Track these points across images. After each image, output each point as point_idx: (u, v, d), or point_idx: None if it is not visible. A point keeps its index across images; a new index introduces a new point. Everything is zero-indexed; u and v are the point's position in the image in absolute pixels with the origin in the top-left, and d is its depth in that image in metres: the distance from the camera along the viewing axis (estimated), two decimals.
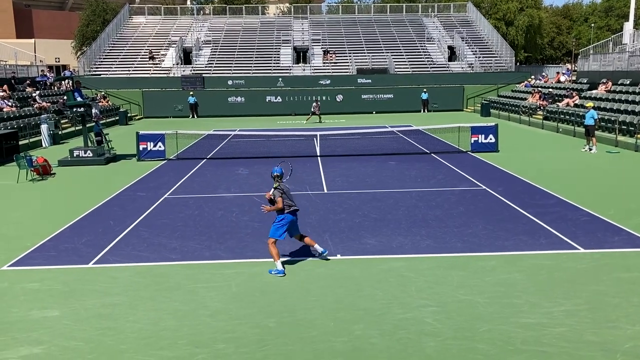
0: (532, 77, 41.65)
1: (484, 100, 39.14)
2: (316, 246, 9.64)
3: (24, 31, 65.70)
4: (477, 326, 7.05)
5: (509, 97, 38.25)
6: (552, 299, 7.84)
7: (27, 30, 66.31)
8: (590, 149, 20.67)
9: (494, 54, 46.58)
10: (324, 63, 45.52)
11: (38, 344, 6.76)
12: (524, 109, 32.45)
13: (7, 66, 36.65)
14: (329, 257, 9.72)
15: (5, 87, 29.85)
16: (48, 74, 40.46)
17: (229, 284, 8.61)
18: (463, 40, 47.03)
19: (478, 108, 38.70)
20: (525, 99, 35.01)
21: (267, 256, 9.77)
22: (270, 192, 9.49)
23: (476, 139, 21.48)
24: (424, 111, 40.00)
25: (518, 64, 59.03)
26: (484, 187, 15.10)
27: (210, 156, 21.60)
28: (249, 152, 22.06)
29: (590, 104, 21.52)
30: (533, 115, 31.16)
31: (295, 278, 8.82)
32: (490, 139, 21.44)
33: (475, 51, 46.36)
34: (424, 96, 39.67)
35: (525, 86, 39.20)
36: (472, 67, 44.84)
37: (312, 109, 35.35)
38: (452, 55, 46.77)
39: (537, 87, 37.26)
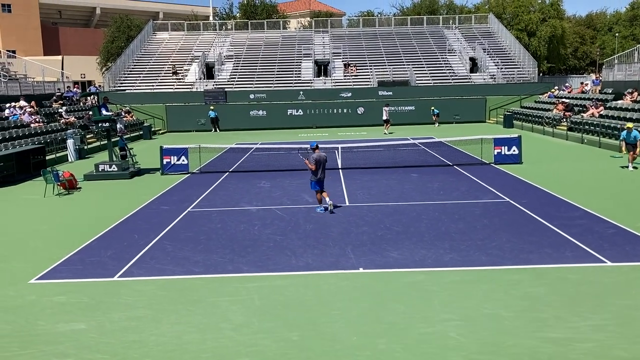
0: (556, 87, 41.21)
1: (507, 111, 38.82)
2: (327, 199, 13.92)
3: (51, 48, 67.26)
4: (503, 340, 6.96)
5: (532, 108, 37.88)
6: (579, 313, 7.70)
7: (54, 47, 67.88)
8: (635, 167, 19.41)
9: (516, 65, 46.24)
10: (345, 76, 45.67)
11: (64, 357, 6.85)
12: (547, 120, 32.11)
13: (35, 82, 37.49)
14: (333, 211, 13.80)
15: (33, 103, 30.52)
16: (74, 90, 41.28)
17: (252, 297, 8.64)
18: (485, 52, 46.83)
19: (501, 119, 38.38)
20: (549, 109, 34.64)
21: (290, 269, 9.81)
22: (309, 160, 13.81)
23: (499, 150, 21.30)
24: (435, 123, 39.51)
25: (541, 74, 58.50)
26: (508, 200, 14.94)
27: (233, 169, 21.76)
28: (270, 165, 22.17)
29: (630, 125, 20.41)
30: (557, 126, 30.79)
31: (317, 291, 8.82)
32: (514, 150, 21.24)
33: (497, 62, 46.10)
34: (436, 111, 39.36)
35: (549, 97, 38.79)
36: (494, 78, 44.56)
37: (386, 117, 34.93)
38: (474, 66, 46.57)
39: (561, 97, 36.86)
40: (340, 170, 20.61)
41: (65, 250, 11.37)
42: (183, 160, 21.28)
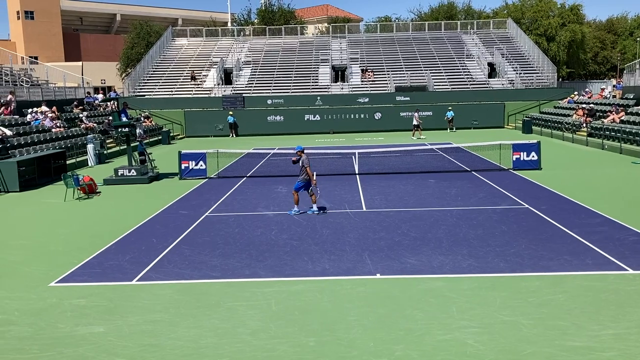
0: (575, 93, 40.79)
1: (526, 117, 38.51)
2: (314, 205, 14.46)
3: (72, 54, 68.31)
4: (521, 348, 6.88)
5: (552, 114, 37.53)
6: (599, 321, 7.59)
7: (75, 54, 68.94)
8: None
9: (535, 70, 45.89)
10: (362, 81, 45.68)
11: None
12: (567, 126, 31.77)
13: (56, 88, 38.06)
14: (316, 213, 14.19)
15: (54, 108, 30.98)
16: (95, 95, 41.83)
17: (268, 302, 8.65)
18: (503, 57, 46.55)
19: (519, 125, 38.08)
20: (569, 115, 34.28)
21: (306, 275, 9.81)
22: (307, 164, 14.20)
23: (518, 156, 21.12)
24: (450, 129, 39.25)
25: (560, 79, 57.95)
26: (527, 206, 14.80)
27: (250, 174, 21.85)
28: (287, 171, 22.19)
29: None
30: (577, 132, 30.46)
31: (334, 297, 8.80)
32: (533, 156, 21.04)
33: (516, 67, 45.78)
34: (449, 114, 39.06)
35: (568, 102, 38.41)
36: (513, 83, 44.25)
37: (417, 122, 34.74)
38: (492, 71, 46.30)
39: (581, 103, 36.45)
40: (357, 176, 20.58)
41: (84, 254, 11.50)
42: (201, 165, 21.43)
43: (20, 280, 10.04)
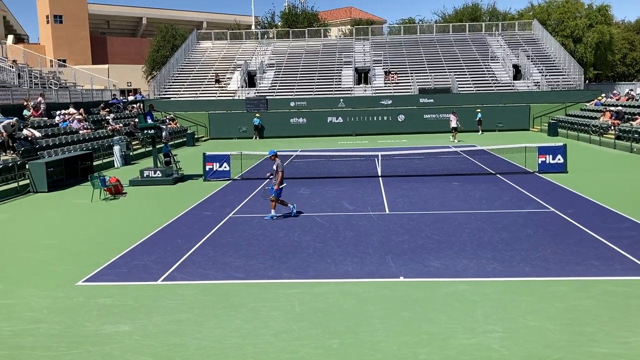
0: (603, 95, 40.08)
1: (552, 119, 37.98)
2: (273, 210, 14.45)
3: (99, 57, 69.42)
4: (547, 354, 6.78)
5: (578, 116, 36.94)
6: (628, 328, 7.45)
7: (102, 56, 70.04)
8: None
9: (561, 72, 45.23)
10: (386, 83, 45.55)
11: (110, 358, 7.03)
12: (594, 128, 31.25)
13: (84, 90, 38.74)
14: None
15: (81, 110, 31.52)
16: (119, 97, 42.46)
17: (292, 303, 8.68)
18: (528, 59, 45.99)
19: (545, 127, 37.57)
20: (596, 117, 33.71)
21: (329, 277, 9.82)
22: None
23: (544, 159, 20.85)
24: (479, 132, 38.88)
25: (587, 81, 57.02)
26: (553, 210, 14.60)
27: None
28: (310, 173, 22.26)
29: None
30: (604, 135, 29.94)
31: (357, 300, 8.79)
32: (559, 159, 20.75)
33: (542, 69, 45.18)
34: (480, 116, 38.66)
35: (596, 104, 37.77)
36: (539, 85, 43.68)
37: (456, 124, 34.02)
38: (517, 73, 45.77)
39: (609, 105, 35.83)
40: (380, 178, 20.53)
41: (111, 253, 11.67)
42: (225, 167, 21.59)
43: (49, 279, 10.23)
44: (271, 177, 14.84)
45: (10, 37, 61.79)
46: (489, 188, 17.98)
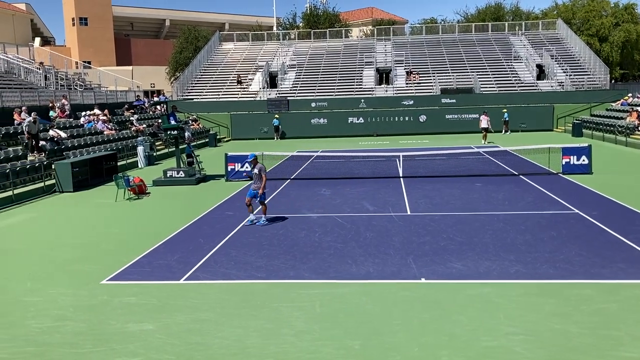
0: (630, 95, 39.36)
1: (576, 119, 37.44)
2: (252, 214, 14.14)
3: (123, 59, 70.35)
4: (572, 358, 6.70)
5: (603, 117, 36.34)
6: None
7: (126, 58, 70.96)
8: None
9: (586, 71, 44.56)
10: (407, 83, 45.36)
11: (134, 356, 7.12)
12: (620, 129, 30.72)
13: (108, 91, 39.31)
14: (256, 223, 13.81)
15: (106, 111, 31.97)
16: (143, 98, 42.98)
17: (313, 304, 8.70)
18: (552, 58, 45.40)
19: (569, 128, 37.05)
20: (622, 118, 33.13)
21: (350, 278, 9.82)
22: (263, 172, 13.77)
23: (568, 160, 20.57)
24: (505, 131, 38.52)
25: (613, 81, 56.03)
26: (577, 211, 14.39)
27: (294, 176, 22.01)
28: (331, 173, 22.27)
29: None
30: (631, 136, 29.41)
31: (379, 301, 8.77)
32: (583, 160, 20.44)
33: (566, 69, 44.57)
34: (506, 116, 38.23)
35: (622, 105, 37.11)
36: (563, 85, 43.10)
37: (487, 125, 32.91)
38: (541, 73, 45.21)
39: (635, 105, 35.18)
40: (401, 179, 20.45)
41: (134, 253, 11.82)
42: (247, 168, 21.70)
43: (74, 277, 10.41)
44: (247, 177, 14.22)
45: (37, 40, 62.98)
46: (511, 189, 17.80)
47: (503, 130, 38.24)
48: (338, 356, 6.96)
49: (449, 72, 45.86)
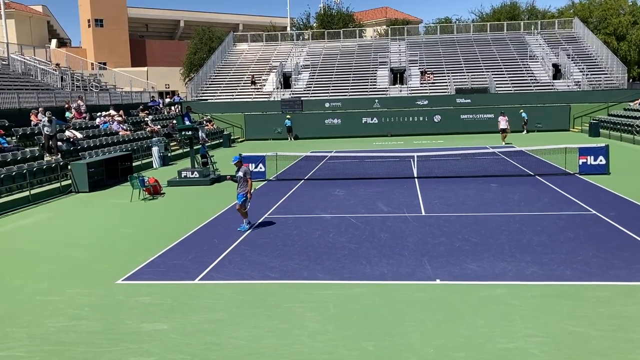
0: None
1: (593, 119, 37.01)
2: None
3: (138, 60, 70.81)
4: None
5: (621, 116, 35.88)
6: None
7: (141, 59, 71.42)
8: None
9: (603, 70, 44.04)
10: (422, 83, 45.16)
11: (149, 356, 7.15)
12: (638, 129, 30.31)
13: (123, 92, 39.60)
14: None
15: (121, 112, 32.22)
16: (158, 99, 43.26)
17: (326, 305, 8.67)
18: (569, 58, 44.93)
19: (586, 128, 36.63)
20: None
21: (365, 278, 9.78)
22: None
23: (584, 160, 20.33)
24: (526, 131, 38.21)
25: (631, 80, 55.31)
26: (594, 212, 14.21)
27: (308, 177, 22.00)
28: (345, 174, 22.23)
29: None
30: None
31: (393, 302, 8.73)
32: (600, 160, 20.19)
33: (583, 68, 44.08)
34: (525, 115, 37.87)
35: None
36: (579, 85, 42.64)
37: (505, 126, 31.97)
38: (557, 73, 44.76)
39: None
40: (416, 180, 20.35)
41: (149, 253, 11.88)
42: (260, 168, 21.76)
43: (90, 277, 10.48)
44: (233, 180, 13.78)
45: (54, 41, 63.63)
46: (527, 190, 17.63)
47: (525, 131, 37.90)
48: (352, 357, 6.93)
49: (463, 72, 45.59)
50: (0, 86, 28.14)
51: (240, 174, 13.48)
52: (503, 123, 32.30)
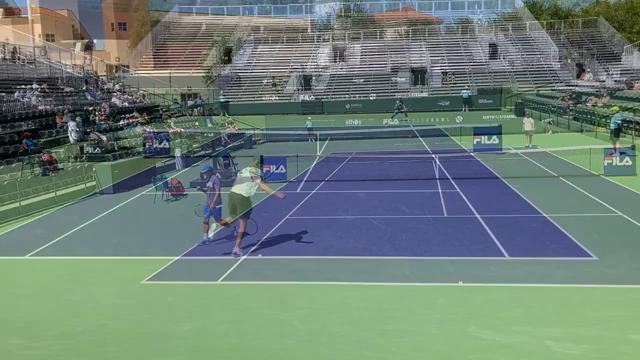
0: None
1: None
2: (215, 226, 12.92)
3: (161, 63, 71.41)
4: None
5: None
6: None
7: (164, 62, 72.00)
8: None
9: (629, 70, 43.29)
10: (443, 84, 44.88)
11: (174, 356, 7.23)
12: None
13: (146, 95, 40.05)
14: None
15: (145, 114, 32.59)
16: (180, 101, 43.70)
17: (348, 306, 8.67)
18: (593, 57, 44.31)
19: (609, 128, 35.97)
20: None
21: (386, 280, 9.76)
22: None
23: (610, 161, 20.01)
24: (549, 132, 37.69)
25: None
26: (620, 214, 13.98)
27: (329, 178, 21.99)
28: (366, 175, 22.17)
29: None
30: None
31: (415, 303, 8.70)
32: (627, 161, 19.85)
33: (607, 68, 43.42)
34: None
35: None
36: (604, 85, 41.95)
37: (530, 127, 31.10)
38: (581, 72, 44.15)
39: None
40: (437, 181, 20.22)
41: (173, 253, 11.99)
42: (281, 169, 21.80)
43: (115, 277, 10.64)
44: (202, 190, 13.29)
45: (78, 45, 64.67)
46: (551, 191, 17.41)
47: (550, 131, 37.44)
48: (373, 359, 6.92)
49: (485, 72, 45.21)
50: (27, 88, 28.67)
51: (210, 184, 13.05)
52: (528, 125, 31.81)
